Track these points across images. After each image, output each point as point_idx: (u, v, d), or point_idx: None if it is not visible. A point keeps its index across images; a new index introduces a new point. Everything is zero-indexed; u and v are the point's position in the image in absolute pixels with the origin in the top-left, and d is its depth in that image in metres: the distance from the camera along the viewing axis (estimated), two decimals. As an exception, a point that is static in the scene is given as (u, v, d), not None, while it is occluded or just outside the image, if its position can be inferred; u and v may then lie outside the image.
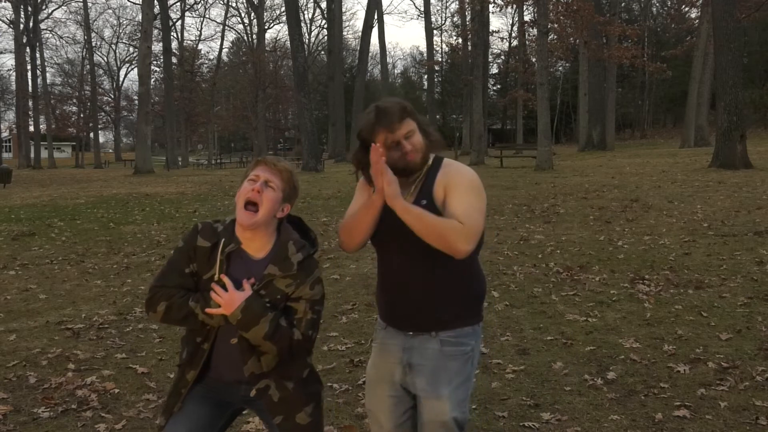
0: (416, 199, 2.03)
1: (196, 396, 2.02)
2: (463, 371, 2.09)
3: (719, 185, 11.67)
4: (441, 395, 2.05)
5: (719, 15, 14.58)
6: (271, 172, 1.93)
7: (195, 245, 1.96)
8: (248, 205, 1.90)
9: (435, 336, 2.08)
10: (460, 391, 2.08)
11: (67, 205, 13.57)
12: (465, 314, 2.11)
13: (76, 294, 6.09)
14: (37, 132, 43.49)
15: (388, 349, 2.16)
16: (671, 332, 4.42)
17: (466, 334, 2.10)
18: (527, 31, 36.75)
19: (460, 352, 2.09)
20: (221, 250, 1.94)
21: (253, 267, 1.95)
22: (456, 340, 2.09)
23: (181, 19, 48.74)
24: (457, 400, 2.07)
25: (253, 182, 1.92)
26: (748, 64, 34.39)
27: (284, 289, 1.93)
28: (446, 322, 2.08)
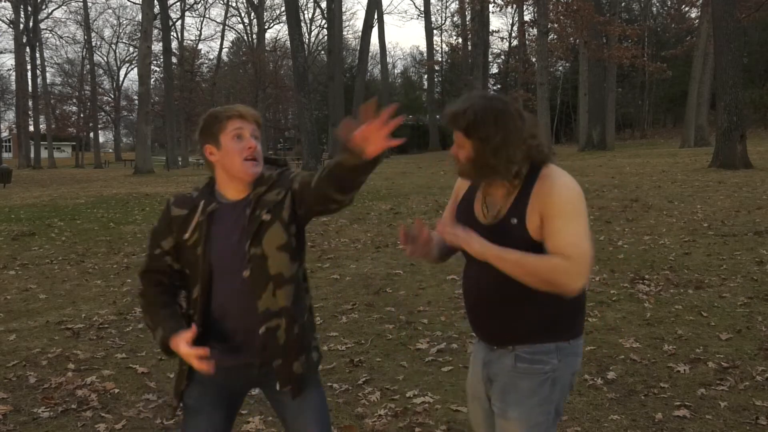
0: (506, 215, 1.85)
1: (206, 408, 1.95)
2: (539, 392, 1.88)
3: (719, 185, 11.67)
4: (509, 417, 1.90)
5: (719, 15, 14.58)
6: (251, 123, 1.91)
7: (170, 217, 1.93)
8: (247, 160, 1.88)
9: (512, 351, 1.91)
10: (534, 414, 1.87)
11: (67, 205, 13.57)
12: (544, 328, 1.89)
13: (76, 294, 6.09)
14: (37, 132, 43.51)
15: (475, 363, 2.08)
16: (671, 332, 4.42)
17: (546, 351, 1.88)
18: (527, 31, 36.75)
19: (536, 371, 1.88)
20: (201, 210, 1.90)
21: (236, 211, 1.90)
22: (532, 357, 1.89)
23: (181, 18, 48.76)
24: (527, 425, 1.87)
25: (240, 138, 1.88)
26: (748, 64, 34.39)
27: (276, 197, 1.89)
28: (522, 336, 1.89)
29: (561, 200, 1.79)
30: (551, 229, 1.78)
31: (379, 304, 5.37)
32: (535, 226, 1.80)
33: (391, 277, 6.19)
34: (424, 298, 5.48)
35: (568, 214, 1.78)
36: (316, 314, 5.11)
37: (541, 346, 1.88)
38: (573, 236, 1.76)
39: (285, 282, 1.87)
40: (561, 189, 1.81)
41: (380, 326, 4.77)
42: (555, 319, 1.89)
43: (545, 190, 1.82)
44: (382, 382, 3.73)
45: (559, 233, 1.77)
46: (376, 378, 3.80)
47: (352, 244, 8.10)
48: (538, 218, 1.80)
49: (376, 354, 4.21)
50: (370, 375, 3.85)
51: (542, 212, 1.80)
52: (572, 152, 29.02)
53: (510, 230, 1.83)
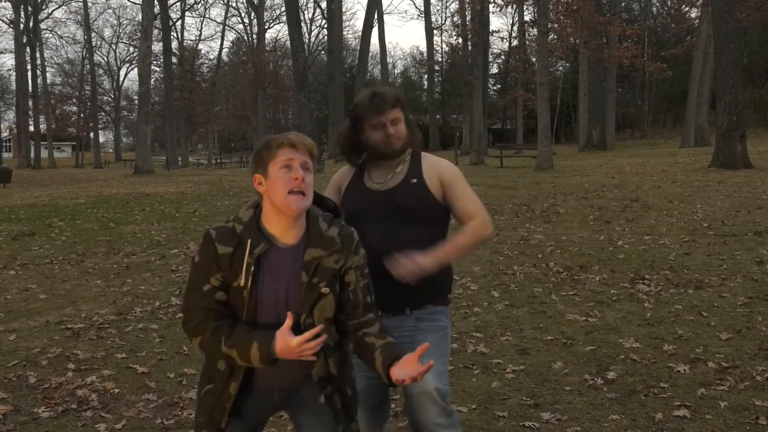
0: (405, 177, 2.29)
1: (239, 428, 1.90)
2: (441, 345, 2.24)
3: (719, 185, 11.67)
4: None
5: (719, 15, 14.58)
6: (303, 153, 1.78)
7: (216, 254, 1.77)
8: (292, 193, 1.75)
9: (410, 314, 2.26)
10: (439, 363, 2.17)
11: (67, 205, 13.57)
12: (435, 295, 2.29)
13: (76, 294, 6.09)
14: (37, 132, 43.50)
15: None
16: (671, 332, 4.42)
17: (439, 311, 2.30)
18: (527, 31, 36.74)
19: (436, 327, 2.26)
20: (249, 252, 1.75)
21: (286, 257, 1.79)
22: (431, 317, 2.27)
23: (181, 19, 48.75)
24: (437, 372, 2.14)
25: (289, 169, 1.76)
26: (748, 64, 34.39)
27: (335, 266, 1.81)
28: (419, 301, 2.26)
29: (452, 170, 2.34)
30: (455, 193, 2.29)
31: (379, 304, 5.37)
32: (436, 187, 2.28)
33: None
34: (424, 298, 5.48)
35: (461, 180, 2.31)
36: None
37: (435, 308, 2.29)
38: (470, 196, 2.31)
39: (333, 351, 1.87)
40: (447, 164, 2.36)
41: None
42: (440, 288, 2.32)
43: (435, 162, 2.34)
44: (382, 382, 3.72)
45: (462, 196, 2.29)
46: (376, 378, 3.80)
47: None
48: (438, 181, 2.28)
49: (376, 354, 4.20)
50: (370, 375, 3.84)
51: (441, 178, 2.29)
52: (572, 152, 29.02)
53: (410, 187, 2.26)
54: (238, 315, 1.81)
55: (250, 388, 1.88)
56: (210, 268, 1.78)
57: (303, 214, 1.82)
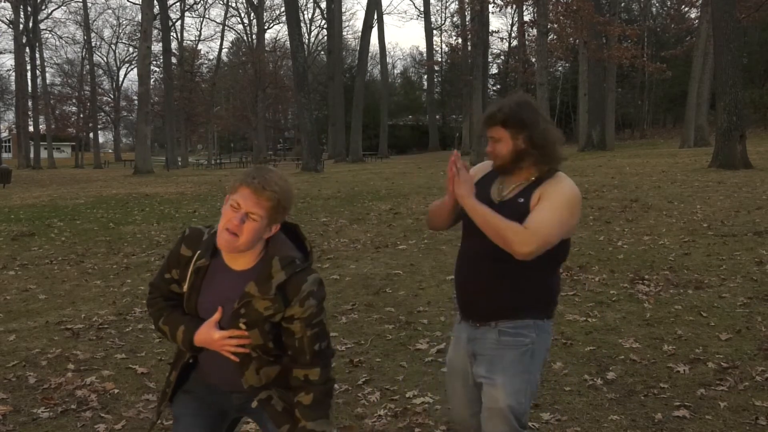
0: (516, 195, 2.21)
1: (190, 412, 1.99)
2: (520, 362, 2.17)
3: (719, 185, 11.67)
4: (495, 383, 2.15)
5: (719, 15, 14.58)
6: (256, 201, 1.74)
7: (179, 253, 1.90)
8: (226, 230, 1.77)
9: (494, 327, 2.20)
10: (516, 381, 2.15)
11: (66, 206, 13.57)
12: (525, 307, 2.20)
13: (75, 294, 6.09)
14: (36, 132, 43.49)
15: (459, 342, 2.34)
16: (671, 332, 4.42)
17: (526, 325, 2.19)
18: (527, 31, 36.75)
19: (518, 343, 2.18)
20: (194, 261, 1.86)
21: (231, 280, 1.84)
22: (514, 331, 2.19)
23: (181, 19, 48.77)
24: (513, 390, 2.14)
25: (234, 210, 1.76)
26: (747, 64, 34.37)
27: (263, 312, 1.78)
28: (505, 313, 2.20)
29: (559, 191, 2.16)
30: (538, 206, 2.14)
31: (379, 304, 5.37)
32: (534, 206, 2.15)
33: (391, 277, 6.19)
34: (423, 299, 5.48)
35: (555, 202, 2.13)
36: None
37: (522, 321, 2.19)
38: (547, 217, 2.10)
39: (268, 364, 1.88)
40: (564, 185, 2.19)
41: (380, 326, 4.77)
42: (534, 300, 2.21)
43: (551, 182, 2.20)
44: (381, 383, 3.73)
45: (540, 211, 2.12)
46: (376, 378, 3.80)
47: (352, 245, 8.10)
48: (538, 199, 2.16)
49: (376, 354, 4.21)
50: (369, 375, 3.84)
51: (542, 194, 2.16)
52: (572, 152, 29.02)
53: (514, 205, 2.17)
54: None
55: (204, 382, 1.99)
56: (172, 262, 1.92)
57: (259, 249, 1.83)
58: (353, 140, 33.46)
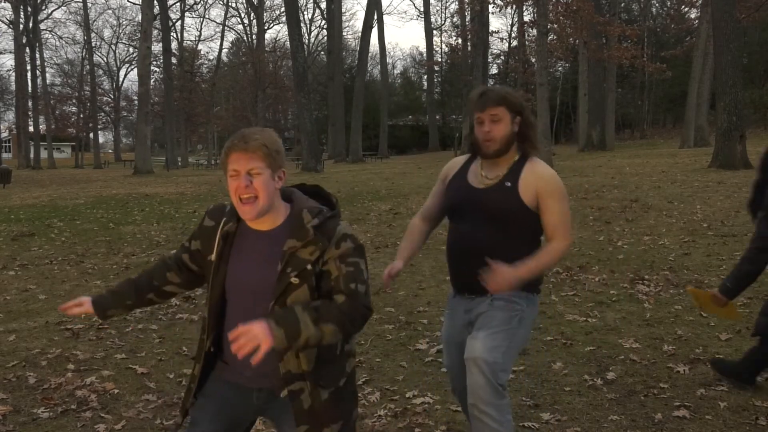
0: (502, 180, 2.35)
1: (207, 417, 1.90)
2: (507, 322, 2.29)
3: (719, 185, 11.67)
4: (477, 336, 2.25)
5: (719, 15, 14.58)
6: (248, 157, 1.76)
7: (202, 225, 1.94)
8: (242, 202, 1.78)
9: (488, 296, 2.34)
10: (497, 337, 2.24)
11: (66, 206, 13.57)
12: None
13: (75, 294, 6.08)
14: (36, 132, 43.49)
15: (455, 315, 2.46)
16: (671, 332, 4.42)
17: (518, 296, 2.34)
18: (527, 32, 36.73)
19: (509, 308, 2.31)
20: (220, 229, 1.86)
21: (261, 243, 1.83)
22: (507, 298, 2.33)
23: (181, 19, 48.74)
24: (492, 345, 2.21)
25: (235, 178, 1.78)
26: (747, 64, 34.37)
27: (309, 257, 1.77)
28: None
29: (553, 183, 2.34)
30: (547, 206, 2.33)
31: (379, 304, 5.37)
32: (530, 196, 2.32)
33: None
34: (423, 299, 5.48)
35: (557, 195, 2.34)
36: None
37: (515, 293, 2.33)
38: (560, 214, 2.34)
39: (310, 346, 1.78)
40: (552, 175, 2.35)
41: (380, 326, 4.77)
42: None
43: (538, 170, 2.34)
44: (381, 383, 3.73)
45: (553, 212, 2.33)
46: (376, 378, 3.80)
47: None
48: (534, 194, 2.32)
49: (376, 354, 4.21)
50: (369, 375, 3.84)
51: (538, 191, 2.32)
52: (572, 152, 29.02)
53: (503, 190, 2.33)
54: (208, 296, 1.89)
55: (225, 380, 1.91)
56: (196, 232, 1.96)
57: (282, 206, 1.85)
58: (353, 140, 33.46)
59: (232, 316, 1.85)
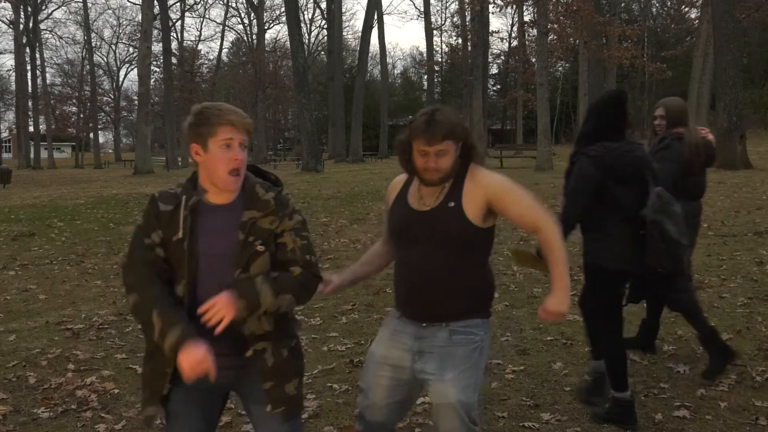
0: (444, 200, 2.23)
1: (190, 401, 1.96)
2: (471, 358, 2.21)
3: (719, 185, 11.67)
4: (446, 379, 2.16)
5: (719, 15, 14.59)
6: (243, 130, 1.90)
7: (158, 212, 1.92)
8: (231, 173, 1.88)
9: (446, 326, 2.24)
10: (466, 375, 2.18)
11: (66, 206, 13.57)
12: (475, 307, 2.27)
13: (75, 294, 6.09)
14: (36, 132, 43.49)
15: (399, 338, 2.32)
16: (671, 332, 4.42)
17: (476, 325, 2.25)
18: (527, 32, 36.74)
19: (469, 341, 2.22)
20: (184, 205, 1.90)
21: (220, 216, 1.92)
22: (465, 330, 2.23)
23: (181, 19, 48.74)
24: (463, 385, 2.16)
25: (228, 148, 1.88)
26: (747, 64, 34.38)
27: (269, 227, 1.92)
28: (457, 314, 2.24)
29: (497, 184, 2.22)
30: (504, 204, 2.21)
31: (379, 304, 5.37)
32: (476, 212, 2.20)
33: (391, 277, 6.17)
34: (423, 299, 5.47)
35: (510, 189, 2.22)
36: (315, 315, 5.11)
37: (472, 321, 2.25)
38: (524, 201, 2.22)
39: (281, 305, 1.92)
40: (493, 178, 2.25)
41: (380, 326, 4.76)
42: (480, 300, 2.29)
43: (479, 180, 2.23)
44: (381, 383, 3.72)
45: (515, 204, 2.21)
46: (376, 378, 3.80)
47: (352, 245, 8.10)
48: (481, 203, 2.20)
49: (376, 354, 4.20)
50: (369, 375, 3.84)
51: (487, 198, 2.20)
52: (572, 152, 29.01)
53: (447, 211, 2.20)
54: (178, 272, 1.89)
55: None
56: (152, 224, 1.93)
57: None
58: (353, 140, 33.44)
59: (203, 289, 1.90)
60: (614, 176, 2.99)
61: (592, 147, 3.05)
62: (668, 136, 3.71)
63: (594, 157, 3.02)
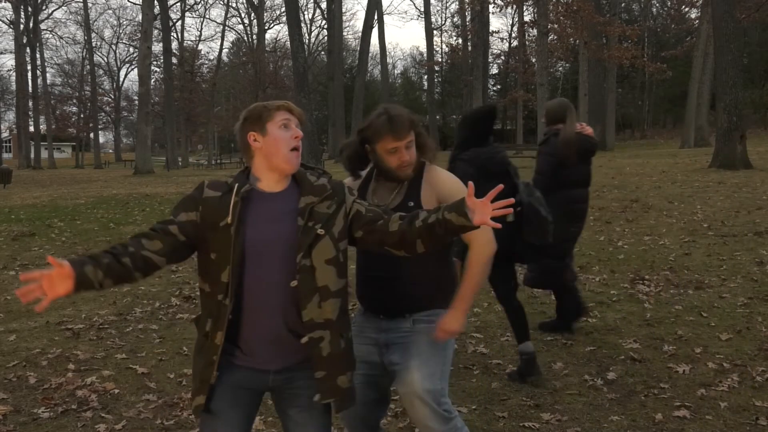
0: (403, 199, 2.27)
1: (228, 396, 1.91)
2: (434, 345, 2.22)
3: (719, 185, 11.67)
4: (410, 367, 2.17)
5: (719, 15, 14.58)
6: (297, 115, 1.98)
7: (200, 197, 1.93)
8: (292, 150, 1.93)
9: (408, 317, 2.29)
10: (431, 363, 2.19)
11: (67, 206, 13.57)
12: (438, 297, 2.31)
13: (76, 294, 6.08)
14: (37, 132, 43.51)
15: (365, 333, 2.34)
16: (671, 332, 4.42)
17: (438, 314, 2.27)
18: (527, 32, 36.73)
19: (432, 329, 2.24)
20: (236, 191, 1.90)
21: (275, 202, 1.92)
22: (428, 318, 2.27)
23: (181, 19, 48.78)
24: (428, 372, 2.16)
25: (287, 128, 1.94)
26: (748, 64, 34.39)
27: (327, 211, 1.92)
28: (419, 305, 2.29)
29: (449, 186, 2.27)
30: None
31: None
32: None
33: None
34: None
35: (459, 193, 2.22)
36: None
37: (434, 311, 2.28)
38: None
39: (331, 295, 1.90)
40: (445, 180, 2.30)
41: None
42: (443, 290, 2.32)
43: (434, 180, 2.29)
44: (382, 383, 3.72)
45: None
46: (376, 378, 3.80)
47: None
48: (435, 201, 2.23)
49: (376, 354, 4.20)
50: (370, 375, 3.84)
51: (438, 197, 2.24)
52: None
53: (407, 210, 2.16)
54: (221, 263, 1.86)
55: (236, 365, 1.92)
56: (186, 206, 1.93)
57: None
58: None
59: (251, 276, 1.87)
60: (486, 173, 3.40)
61: (466, 152, 3.56)
62: (548, 132, 4.27)
63: (469, 160, 3.52)
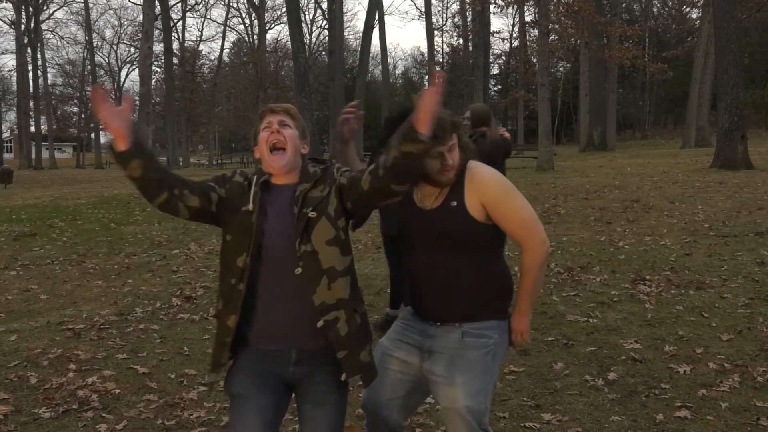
0: (446, 199, 2.15)
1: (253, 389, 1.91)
2: (482, 362, 2.13)
3: (720, 186, 11.66)
4: (455, 383, 2.09)
5: (720, 15, 14.58)
6: (280, 115, 1.99)
7: (231, 180, 2.03)
8: (273, 150, 1.95)
9: (459, 327, 2.16)
10: (477, 381, 2.10)
11: (68, 206, 13.58)
12: (490, 308, 2.19)
13: (77, 294, 6.09)
14: (38, 132, 43.51)
15: (410, 332, 2.26)
16: (672, 333, 4.42)
17: (490, 327, 2.17)
18: (528, 32, 36.71)
19: (481, 344, 2.14)
20: (255, 181, 1.98)
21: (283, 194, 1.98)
22: (478, 332, 2.16)
23: (182, 19, 48.77)
24: (473, 390, 2.09)
25: (269, 129, 1.97)
26: (748, 64, 34.36)
27: (320, 194, 1.95)
28: (471, 315, 2.16)
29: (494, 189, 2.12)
30: (498, 213, 2.11)
31: (380, 304, 5.37)
32: (478, 209, 2.11)
33: (392, 277, 6.18)
34: (424, 299, 5.47)
35: (504, 196, 2.12)
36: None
37: (486, 323, 2.16)
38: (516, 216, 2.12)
39: (339, 275, 1.92)
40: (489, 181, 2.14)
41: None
42: (496, 300, 2.20)
43: (476, 179, 2.14)
44: (382, 383, 3.72)
45: (507, 217, 2.12)
46: (377, 378, 3.80)
47: (353, 245, 8.10)
48: (480, 205, 2.11)
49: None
50: (370, 375, 3.84)
51: (482, 201, 2.11)
52: (573, 153, 29.01)
53: (450, 210, 2.13)
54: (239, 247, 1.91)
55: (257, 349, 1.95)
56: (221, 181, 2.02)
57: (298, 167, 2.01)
58: (354, 140, 33.44)
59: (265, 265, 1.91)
60: None
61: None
62: (474, 134, 4.45)
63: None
